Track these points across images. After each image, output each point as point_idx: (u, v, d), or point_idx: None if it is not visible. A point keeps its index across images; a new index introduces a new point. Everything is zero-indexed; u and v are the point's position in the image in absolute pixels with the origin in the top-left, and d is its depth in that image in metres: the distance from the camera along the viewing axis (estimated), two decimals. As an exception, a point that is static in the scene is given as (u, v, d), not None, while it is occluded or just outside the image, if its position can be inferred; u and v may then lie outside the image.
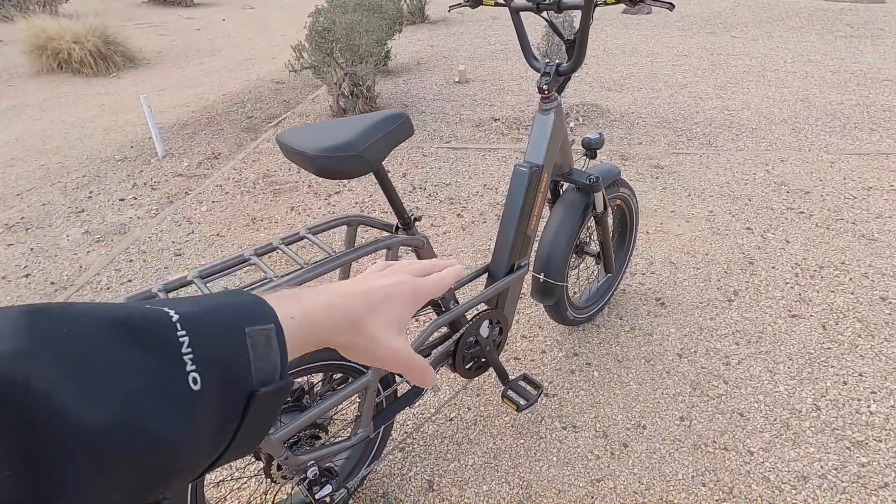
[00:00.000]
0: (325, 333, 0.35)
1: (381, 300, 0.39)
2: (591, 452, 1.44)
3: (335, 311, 0.36)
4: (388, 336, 0.39)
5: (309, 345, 0.34)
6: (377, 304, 0.39)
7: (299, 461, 1.04)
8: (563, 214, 1.57)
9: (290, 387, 0.30)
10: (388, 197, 1.08)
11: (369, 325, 0.38)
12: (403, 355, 0.40)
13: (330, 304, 0.36)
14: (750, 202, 2.73)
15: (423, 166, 3.21)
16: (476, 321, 1.35)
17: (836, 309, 1.96)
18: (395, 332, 0.40)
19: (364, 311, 0.38)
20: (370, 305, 0.38)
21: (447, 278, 0.45)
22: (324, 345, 0.36)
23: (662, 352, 1.78)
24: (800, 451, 1.43)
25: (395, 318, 0.40)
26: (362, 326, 0.37)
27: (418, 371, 0.42)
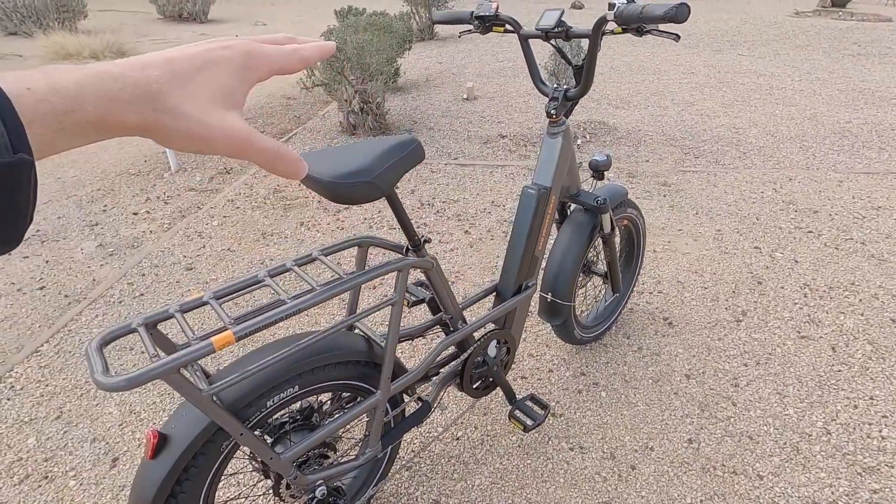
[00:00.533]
0: (94, 110, 0.28)
1: (194, 69, 0.32)
2: (599, 474, 1.43)
3: (109, 83, 0.29)
4: (207, 112, 0.32)
5: (72, 122, 0.27)
6: (186, 72, 0.32)
7: (308, 480, 1.04)
8: (571, 235, 1.59)
9: (23, 165, 0.25)
10: (399, 219, 1.10)
11: (174, 98, 0.31)
12: (238, 134, 0.33)
13: (99, 74, 0.29)
14: (758, 221, 2.73)
15: (432, 182, 3.24)
16: (484, 341, 1.36)
17: (846, 331, 1.94)
18: (221, 106, 0.32)
19: (165, 81, 0.31)
20: (174, 74, 0.31)
21: (304, 49, 0.37)
22: (105, 127, 0.29)
23: (670, 372, 1.77)
24: (810, 475, 1.41)
25: (218, 88, 0.33)
26: (164, 100, 0.30)
27: (273, 154, 0.35)
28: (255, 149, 0.34)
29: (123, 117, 0.29)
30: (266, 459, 0.95)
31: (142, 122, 0.30)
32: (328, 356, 1.04)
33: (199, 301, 0.93)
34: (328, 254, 1.09)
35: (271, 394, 0.97)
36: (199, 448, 0.91)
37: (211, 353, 0.81)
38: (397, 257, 1.08)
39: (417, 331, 1.32)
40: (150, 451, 0.89)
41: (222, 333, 0.83)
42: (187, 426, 0.91)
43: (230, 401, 0.92)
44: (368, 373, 1.13)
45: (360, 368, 1.12)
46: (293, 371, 0.99)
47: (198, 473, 0.93)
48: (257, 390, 0.94)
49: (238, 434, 0.89)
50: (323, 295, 0.93)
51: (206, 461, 0.93)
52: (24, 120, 0.25)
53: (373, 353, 1.12)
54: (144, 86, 0.30)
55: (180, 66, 0.32)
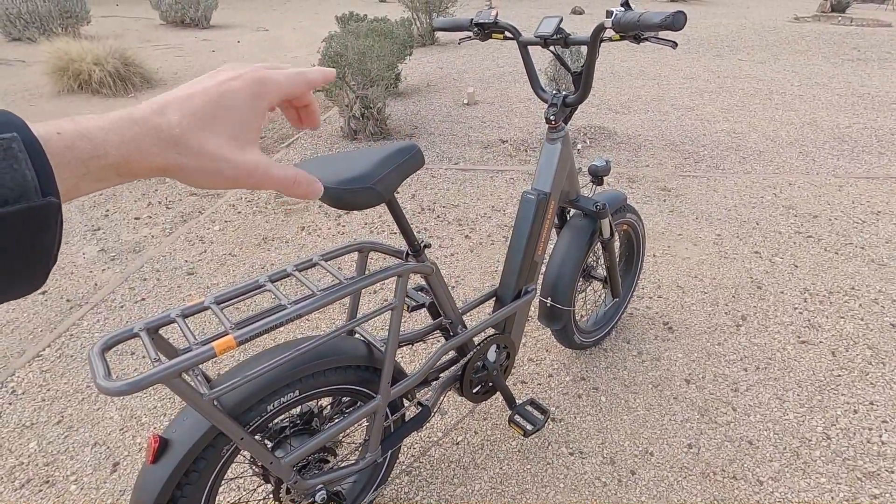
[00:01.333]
0: (118, 154, 0.29)
1: (210, 106, 0.32)
2: (599, 479, 1.43)
3: (132, 128, 0.29)
4: (229, 150, 0.32)
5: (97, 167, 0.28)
6: (204, 111, 0.32)
7: (308, 485, 1.05)
8: (571, 240, 1.59)
9: (51, 207, 0.25)
10: (399, 224, 1.10)
11: (196, 140, 0.31)
12: (260, 169, 0.34)
13: (121, 119, 0.29)
14: (758, 226, 2.74)
15: (432, 187, 3.26)
16: (483, 346, 1.36)
17: (846, 335, 1.95)
18: (241, 142, 0.33)
19: (185, 125, 0.31)
20: (194, 116, 0.32)
21: (309, 73, 0.38)
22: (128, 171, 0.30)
23: (670, 377, 1.77)
24: (810, 481, 1.41)
25: (236, 124, 0.33)
26: (186, 143, 0.31)
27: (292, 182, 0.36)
28: (275, 180, 0.35)
29: (147, 162, 0.30)
30: (266, 464, 0.96)
31: (164, 165, 0.31)
32: (329, 360, 1.04)
33: (200, 306, 0.94)
34: (329, 259, 1.10)
35: (272, 398, 0.98)
36: (199, 452, 0.92)
37: (212, 358, 0.82)
38: (397, 262, 1.09)
39: (417, 335, 1.32)
40: (152, 456, 0.90)
41: (224, 338, 0.84)
42: (188, 430, 0.91)
43: (231, 405, 0.93)
44: (368, 377, 1.14)
45: (360, 373, 1.12)
46: (294, 375, 0.99)
47: (198, 478, 0.93)
48: (258, 395, 0.95)
49: (239, 438, 0.90)
50: (323, 300, 0.93)
51: (207, 465, 0.94)
52: (53, 163, 0.26)
53: (373, 358, 1.13)
54: (166, 130, 0.31)
55: (198, 104, 0.32)
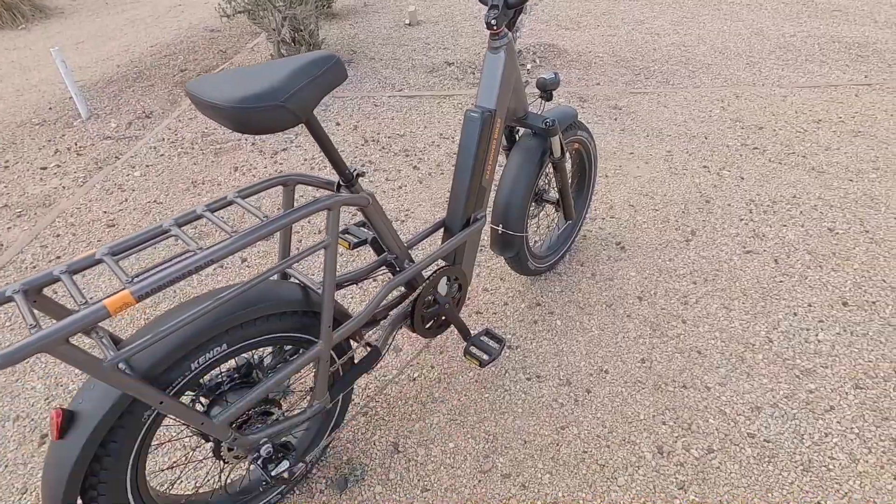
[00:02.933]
0: None
1: None
2: (556, 401, 1.44)
3: None
4: None
5: None
6: None
7: (250, 441, 0.98)
8: (520, 161, 1.50)
9: None
10: (325, 150, 0.97)
11: None
12: None
13: None
14: (706, 140, 2.73)
15: (375, 117, 3.04)
16: (433, 279, 1.29)
17: (788, 243, 2.00)
18: None
19: None
20: None
21: None
22: None
23: (623, 296, 1.78)
24: (753, 383, 1.47)
25: None
26: None
27: None
28: None
29: None
30: (196, 425, 0.87)
31: None
32: (258, 308, 0.94)
33: (91, 259, 0.80)
34: (246, 196, 0.96)
35: (194, 355, 0.87)
36: (115, 421, 0.81)
37: (105, 318, 0.70)
38: (327, 194, 0.97)
39: (360, 274, 1.23)
40: (56, 431, 0.79)
41: (118, 294, 0.71)
42: (97, 400, 0.80)
43: (145, 367, 0.82)
44: (307, 323, 1.04)
45: (299, 319, 1.03)
46: (218, 328, 0.89)
47: (119, 448, 0.84)
48: (175, 353, 0.84)
49: (157, 403, 0.80)
50: (240, 241, 0.81)
51: (127, 434, 0.84)
52: None
53: (310, 302, 1.03)
54: None
55: None
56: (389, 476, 1.28)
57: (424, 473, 1.29)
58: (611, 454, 1.31)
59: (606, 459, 1.30)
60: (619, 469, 1.28)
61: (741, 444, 1.32)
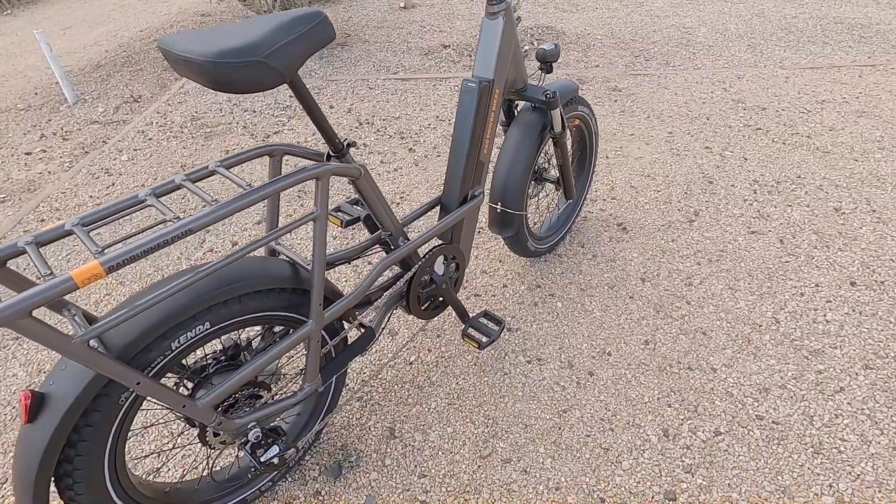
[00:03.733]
0: None
1: None
2: (557, 384, 1.40)
3: None
4: None
5: None
6: None
7: (236, 425, 0.93)
8: (519, 136, 1.44)
9: None
10: (312, 117, 0.91)
11: None
12: None
13: None
14: (708, 121, 2.67)
15: (370, 100, 2.97)
16: (429, 257, 1.24)
17: (793, 223, 1.95)
18: None
19: None
20: None
21: None
22: None
23: (626, 277, 1.73)
24: (760, 364, 1.43)
25: None
26: None
27: None
28: None
29: None
30: (177, 408, 0.82)
31: None
32: (243, 285, 0.88)
33: (59, 230, 0.74)
34: (231, 166, 0.90)
35: (174, 334, 0.82)
36: (88, 404, 0.76)
37: (72, 290, 0.64)
38: (316, 163, 0.91)
39: (353, 252, 1.17)
40: (25, 415, 0.74)
41: (86, 265, 0.66)
42: (69, 380, 0.75)
43: (120, 346, 0.76)
44: (297, 301, 0.99)
45: (287, 297, 0.97)
46: (199, 305, 0.83)
47: (94, 433, 0.79)
48: (154, 331, 0.79)
49: (134, 383, 0.75)
50: (220, 211, 0.75)
51: (103, 418, 0.79)
52: None
53: (299, 279, 0.98)
54: None
55: None
56: (385, 462, 1.24)
57: (422, 459, 1.24)
58: (615, 437, 1.27)
59: (610, 443, 1.26)
60: (623, 453, 1.24)
61: (749, 427, 1.28)
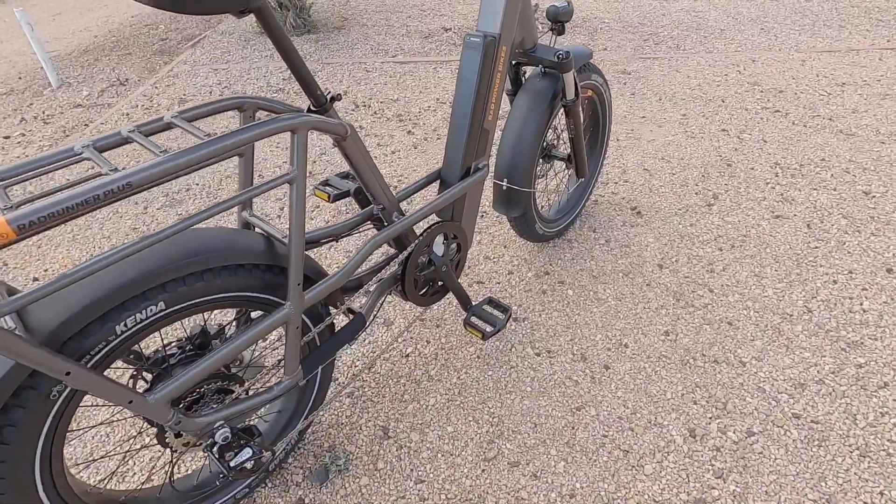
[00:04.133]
0: None
1: None
2: (570, 378, 1.26)
3: None
4: None
5: None
6: None
7: (198, 424, 0.79)
8: (528, 104, 1.30)
9: None
10: (287, 60, 0.77)
11: None
12: None
13: None
14: (723, 103, 2.53)
15: (367, 83, 2.83)
16: (427, 235, 1.10)
17: (820, 206, 1.81)
18: None
19: None
20: None
21: None
22: None
23: (641, 263, 1.59)
24: (794, 357, 1.29)
25: None
26: None
27: None
28: None
29: None
30: (122, 404, 0.68)
31: None
32: (206, 258, 0.74)
33: None
34: (193, 119, 0.76)
35: (118, 315, 0.68)
36: (8, 399, 0.63)
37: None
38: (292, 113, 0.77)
39: (341, 228, 1.04)
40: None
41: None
42: (-17, 369, 0.61)
43: (47, 329, 0.63)
44: (274, 281, 0.85)
45: (261, 275, 0.84)
46: (151, 280, 0.69)
47: (19, 434, 0.65)
48: (91, 311, 0.65)
49: (62, 374, 0.61)
50: (168, 164, 0.62)
51: (29, 415, 0.65)
52: None
53: (274, 254, 0.84)
54: None
55: None
56: (378, 465, 1.10)
57: (419, 462, 1.10)
58: (635, 438, 1.13)
59: (630, 444, 1.12)
60: (645, 455, 1.10)
61: (786, 426, 1.14)
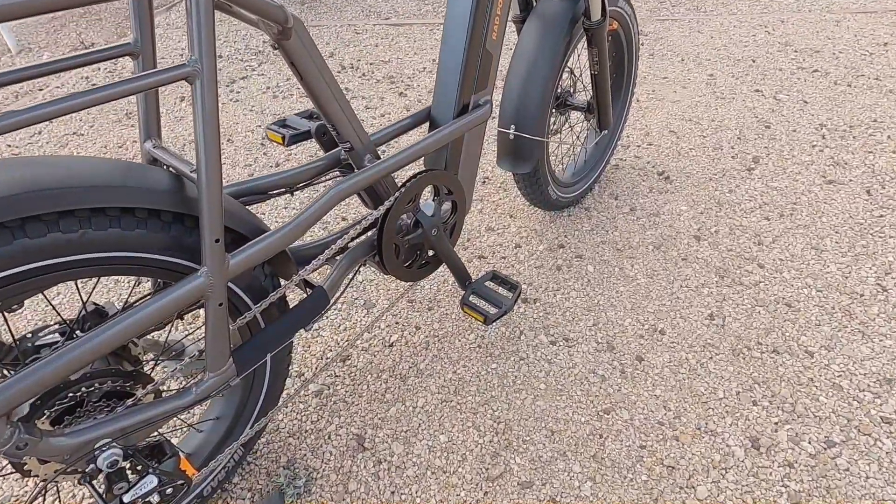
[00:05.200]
0: None
1: None
2: (594, 373, 1.01)
3: None
4: None
5: None
6: None
7: (63, 445, 0.53)
8: (541, 31, 1.03)
9: None
10: None
11: None
12: None
13: None
14: (754, 63, 2.25)
15: (356, 44, 2.55)
16: (411, 187, 0.84)
17: (879, 170, 1.55)
18: None
19: None
20: None
21: None
22: None
23: (675, 235, 1.33)
24: (873, 346, 1.04)
25: None
26: None
27: None
28: None
29: None
30: None
31: None
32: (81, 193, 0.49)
33: None
34: None
35: None
36: None
37: None
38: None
39: (297, 177, 0.78)
40: None
41: None
42: None
43: None
44: (188, 240, 0.60)
45: (168, 229, 0.58)
46: None
47: None
48: None
49: None
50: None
51: None
52: None
53: (183, 197, 0.58)
54: None
55: None
56: (349, 486, 0.85)
57: (402, 482, 0.85)
58: (682, 450, 0.88)
59: (677, 459, 0.87)
60: (697, 473, 0.85)
61: (875, 434, 0.89)
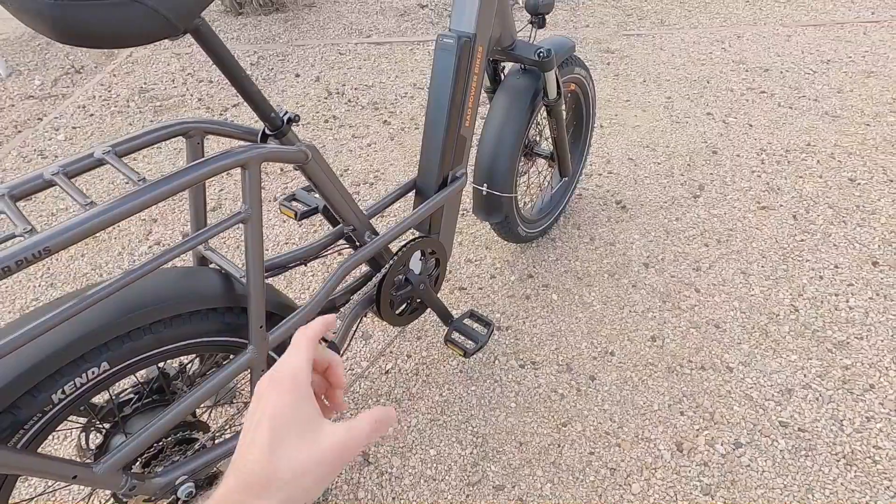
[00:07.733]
0: None
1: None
2: (555, 391, 1.23)
3: None
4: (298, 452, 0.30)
5: None
6: None
7: (157, 485, 0.73)
8: (508, 104, 1.22)
9: None
10: (233, 81, 0.68)
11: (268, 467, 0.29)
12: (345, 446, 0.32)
13: None
14: (709, 84, 2.46)
15: (340, 67, 2.69)
16: (403, 254, 1.03)
17: (806, 195, 1.78)
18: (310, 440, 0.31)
19: None
20: None
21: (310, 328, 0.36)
22: None
23: (627, 263, 1.55)
24: (781, 360, 1.28)
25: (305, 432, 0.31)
26: None
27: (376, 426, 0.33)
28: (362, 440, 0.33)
29: None
30: (66, 480, 0.62)
31: None
32: (151, 311, 0.67)
33: None
34: (126, 152, 0.68)
35: (52, 384, 0.61)
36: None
37: None
38: (244, 145, 0.69)
39: (309, 252, 0.96)
40: None
41: None
42: None
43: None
44: (235, 322, 0.79)
45: (220, 318, 0.77)
46: (88, 343, 0.62)
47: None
48: (18, 386, 0.58)
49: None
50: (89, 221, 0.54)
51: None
52: None
53: (233, 295, 0.77)
54: None
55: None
56: (358, 495, 1.06)
57: (401, 489, 1.07)
58: (622, 455, 1.11)
59: (618, 461, 1.10)
60: (633, 473, 1.08)
61: (773, 436, 1.13)
